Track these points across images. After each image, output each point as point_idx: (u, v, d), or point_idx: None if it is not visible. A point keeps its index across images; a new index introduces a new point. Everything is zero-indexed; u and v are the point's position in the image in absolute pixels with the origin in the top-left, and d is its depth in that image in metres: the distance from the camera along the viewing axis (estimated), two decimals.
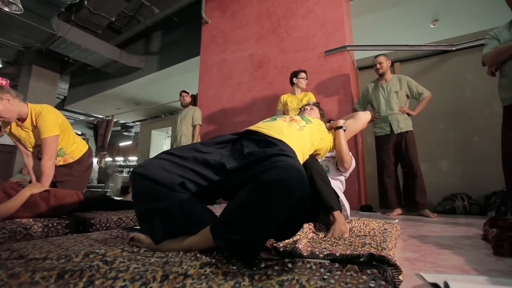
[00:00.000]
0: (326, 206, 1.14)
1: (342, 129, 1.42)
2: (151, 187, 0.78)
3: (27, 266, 0.55)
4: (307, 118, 1.29)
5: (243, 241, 0.57)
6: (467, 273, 0.72)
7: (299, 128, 1.15)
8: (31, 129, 1.65)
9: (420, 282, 0.63)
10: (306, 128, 1.18)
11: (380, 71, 2.53)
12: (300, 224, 0.63)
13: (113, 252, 0.66)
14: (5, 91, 1.50)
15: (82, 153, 1.91)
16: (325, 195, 1.14)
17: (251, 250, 0.57)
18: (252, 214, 0.57)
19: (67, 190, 1.53)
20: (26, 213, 1.29)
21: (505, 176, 1.61)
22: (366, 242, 0.82)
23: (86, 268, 0.50)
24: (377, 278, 0.49)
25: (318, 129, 1.29)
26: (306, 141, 1.14)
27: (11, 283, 0.47)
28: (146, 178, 0.79)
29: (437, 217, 2.20)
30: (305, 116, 1.34)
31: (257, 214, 0.57)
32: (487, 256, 0.90)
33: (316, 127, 1.29)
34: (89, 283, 0.42)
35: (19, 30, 4.72)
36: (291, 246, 0.70)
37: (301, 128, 1.16)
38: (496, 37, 1.63)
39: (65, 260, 0.60)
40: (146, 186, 0.79)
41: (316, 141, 1.24)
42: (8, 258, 0.60)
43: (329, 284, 0.45)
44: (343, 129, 1.42)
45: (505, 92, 1.57)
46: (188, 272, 0.48)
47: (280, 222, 0.56)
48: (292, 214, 0.57)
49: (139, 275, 0.45)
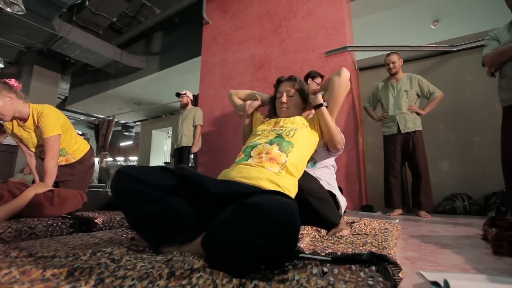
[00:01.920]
0: (329, 224, 1.13)
1: (324, 106, 1.19)
2: (140, 189, 0.73)
3: (37, 264, 0.57)
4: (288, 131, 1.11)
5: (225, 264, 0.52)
6: (466, 271, 0.74)
7: (280, 168, 0.99)
8: (33, 129, 1.66)
9: (420, 281, 0.64)
10: (291, 154, 1.03)
11: (393, 71, 2.50)
12: (279, 252, 0.56)
13: (119, 250, 0.67)
14: (10, 90, 1.51)
15: (84, 153, 1.92)
16: (325, 214, 1.12)
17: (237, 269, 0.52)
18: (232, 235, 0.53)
19: (70, 190, 1.55)
20: (30, 213, 1.31)
21: (504, 177, 1.62)
22: (367, 241, 0.83)
23: (95, 265, 0.52)
24: (376, 276, 0.50)
25: (304, 133, 1.14)
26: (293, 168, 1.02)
27: (23, 280, 0.48)
28: (134, 179, 0.73)
29: (433, 217, 2.21)
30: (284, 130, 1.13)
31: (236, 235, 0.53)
32: (487, 256, 0.91)
33: (302, 132, 1.13)
34: (100, 280, 0.44)
35: (21, 30, 4.74)
36: None
37: (283, 166, 1.00)
38: (496, 38, 1.65)
39: (73, 258, 0.61)
40: (135, 188, 0.73)
41: (310, 145, 1.16)
42: (17, 256, 0.62)
43: (329, 282, 0.47)
44: (324, 106, 1.19)
45: (505, 93, 1.58)
46: (194, 266, 0.49)
47: (256, 246, 0.51)
48: (271, 241, 0.52)
49: (146, 274, 0.47)
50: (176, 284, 0.46)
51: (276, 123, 1.22)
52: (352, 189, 2.71)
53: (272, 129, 1.17)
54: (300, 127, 1.17)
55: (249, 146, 1.11)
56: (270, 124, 1.23)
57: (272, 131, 1.15)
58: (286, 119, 1.23)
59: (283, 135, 1.10)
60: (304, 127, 1.18)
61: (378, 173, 3.08)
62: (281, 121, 1.22)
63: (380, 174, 2.73)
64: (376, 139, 3.23)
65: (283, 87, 1.29)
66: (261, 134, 1.17)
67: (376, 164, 3.27)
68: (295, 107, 1.28)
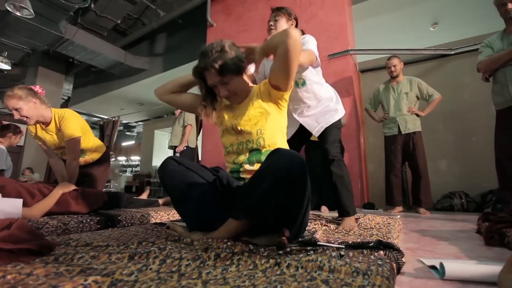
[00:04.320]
0: (343, 210, 1.28)
1: None
2: (190, 176, 0.92)
3: (95, 251, 0.67)
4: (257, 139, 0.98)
5: (251, 208, 0.76)
6: (460, 259, 0.84)
7: None
8: (55, 132, 1.76)
9: (420, 266, 0.75)
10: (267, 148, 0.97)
11: (394, 74, 2.61)
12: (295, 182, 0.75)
13: (160, 240, 0.78)
14: (35, 96, 1.61)
15: (100, 154, 2.02)
16: (344, 199, 1.28)
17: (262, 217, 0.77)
18: (252, 188, 0.78)
19: (93, 189, 1.65)
20: (58, 210, 1.41)
21: (498, 175, 1.73)
22: (373, 233, 0.94)
23: (149, 251, 0.62)
24: (384, 258, 0.61)
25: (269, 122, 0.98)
26: None
27: (94, 263, 0.59)
28: (184, 165, 0.93)
29: (432, 214, 2.32)
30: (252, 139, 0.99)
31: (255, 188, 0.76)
32: (479, 246, 1.02)
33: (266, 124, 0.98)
34: (163, 261, 0.54)
35: (28, 33, 4.83)
36: (310, 236, 0.82)
37: None
38: (490, 46, 1.76)
39: (124, 246, 0.71)
40: (184, 175, 0.92)
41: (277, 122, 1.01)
42: (77, 246, 0.72)
43: (346, 262, 0.57)
44: None
45: (498, 97, 1.69)
46: (234, 250, 0.60)
47: (278, 170, 0.73)
48: (288, 167, 0.73)
49: (198, 256, 0.57)
50: (222, 264, 0.57)
51: (234, 130, 1.00)
52: (355, 187, 2.82)
53: (240, 142, 1.00)
54: (259, 119, 0.98)
55: (234, 169, 1.02)
56: (229, 132, 1.03)
57: (241, 144, 1.00)
58: (242, 121, 0.98)
59: (258, 147, 0.97)
60: (262, 116, 0.98)
61: (379, 172, 3.19)
62: (238, 125, 0.99)
63: (381, 173, 2.84)
64: (377, 140, 3.34)
65: (211, 81, 0.95)
66: (232, 150, 1.02)
67: (377, 164, 3.38)
68: (240, 92, 1.00)
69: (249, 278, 0.48)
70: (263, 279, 0.48)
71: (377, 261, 0.56)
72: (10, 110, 1.52)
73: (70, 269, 0.52)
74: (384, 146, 2.70)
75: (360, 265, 0.54)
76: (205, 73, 0.95)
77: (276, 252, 0.65)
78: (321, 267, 0.52)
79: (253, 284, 0.46)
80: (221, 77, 0.92)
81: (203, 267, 0.55)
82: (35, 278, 0.48)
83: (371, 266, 0.52)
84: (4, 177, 1.35)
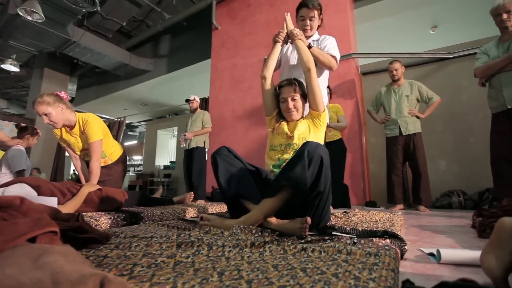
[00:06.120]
0: None
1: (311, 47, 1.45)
2: (237, 162, 1.22)
3: (142, 242, 0.79)
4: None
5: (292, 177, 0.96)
6: (455, 248, 0.96)
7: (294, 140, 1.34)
8: (79, 134, 1.88)
9: (420, 253, 0.87)
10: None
11: (395, 77, 2.73)
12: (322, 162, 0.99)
13: (195, 233, 0.90)
14: (61, 101, 1.72)
15: (119, 155, 2.14)
16: None
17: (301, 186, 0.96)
18: (293, 163, 1.01)
19: (115, 189, 1.77)
20: (86, 208, 1.53)
21: (493, 175, 1.85)
22: (378, 226, 1.06)
23: (193, 240, 0.74)
24: (390, 245, 0.73)
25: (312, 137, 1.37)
26: None
27: (149, 250, 0.70)
28: (235, 156, 1.24)
29: (431, 211, 2.45)
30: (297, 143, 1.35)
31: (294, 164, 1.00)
32: (473, 238, 1.14)
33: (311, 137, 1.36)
34: (209, 247, 0.66)
35: (37, 35, 4.93)
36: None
37: None
38: (486, 53, 1.87)
39: (165, 238, 0.83)
40: (232, 160, 1.20)
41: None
42: (125, 237, 0.84)
43: (359, 247, 0.69)
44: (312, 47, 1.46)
45: (493, 101, 1.81)
46: (265, 239, 0.72)
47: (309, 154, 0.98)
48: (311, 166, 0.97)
49: (237, 243, 0.69)
50: (256, 251, 0.68)
51: (287, 135, 1.36)
52: (357, 186, 2.94)
53: (288, 143, 1.35)
54: (304, 131, 1.36)
55: (276, 164, 1.34)
56: (282, 136, 1.38)
57: (288, 146, 1.35)
58: (295, 132, 1.35)
59: None
60: (307, 129, 1.37)
61: (381, 171, 3.31)
62: (292, 132, 1.36)
63: (382, 172, 2.97)
64: (379, 140, 3.46)
65: (285, 93, 1.36)
66: (280, 149, 1.38)
67: (378, 163, 3.51)
68: (300, 109, 1.39)
69: (284, 259, 0.60)
70: (294, 260, 0.60)
71: (385, 247, 0.68)
72: (40, 115, 1.64)
73: (135, 253, 0.64)
74: (385, 146, 2.82)
75: (371, 250, 0.65)
76: (284, 88, 1.37)
77: (298, 241, 0.77)
78: (340, 251, 0.64)
79: (288, 263, 0.57)
80: (295, 93, 1.35)
81: (243, 252, 0.66)
82: (110, 259, 0.60)
83: (380, 250, 0.64)
84: (39, 178, 1.46)
